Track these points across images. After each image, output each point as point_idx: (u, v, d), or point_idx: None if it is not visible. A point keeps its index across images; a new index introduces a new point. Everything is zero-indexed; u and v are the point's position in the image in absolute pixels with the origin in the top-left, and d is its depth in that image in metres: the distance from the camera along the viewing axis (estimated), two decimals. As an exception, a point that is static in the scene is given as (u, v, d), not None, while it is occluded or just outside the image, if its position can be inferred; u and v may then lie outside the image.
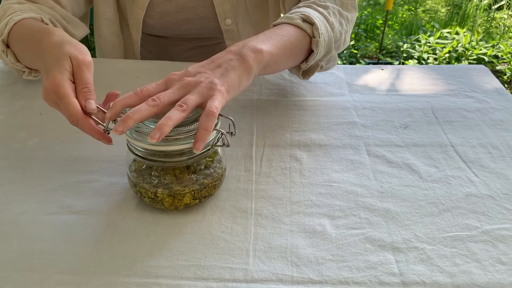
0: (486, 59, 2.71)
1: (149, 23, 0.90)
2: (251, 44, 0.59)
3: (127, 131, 0.50)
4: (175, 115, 0.47)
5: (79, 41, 0.74)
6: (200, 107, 0.51)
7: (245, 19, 0.92)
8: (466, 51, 2.74)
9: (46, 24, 0.71)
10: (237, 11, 0.90)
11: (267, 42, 0.61)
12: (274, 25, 0.67)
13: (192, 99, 0.50)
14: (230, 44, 0.91)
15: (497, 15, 3.41)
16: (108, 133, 0.53)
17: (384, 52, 2.88)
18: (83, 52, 0.58)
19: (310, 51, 0.68)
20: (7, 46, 0.70)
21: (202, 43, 0.99)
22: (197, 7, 0.89)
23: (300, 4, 0.73)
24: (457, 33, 2.91)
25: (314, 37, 0.66)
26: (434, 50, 2.76)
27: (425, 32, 3.00)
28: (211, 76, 0.53)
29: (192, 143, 0.48)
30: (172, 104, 0.49)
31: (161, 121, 0.47)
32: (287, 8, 0.83)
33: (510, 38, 3.08)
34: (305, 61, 0.70)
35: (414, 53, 2.75)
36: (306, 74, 0.74)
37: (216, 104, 0.50)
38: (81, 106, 0.53)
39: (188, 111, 0.49)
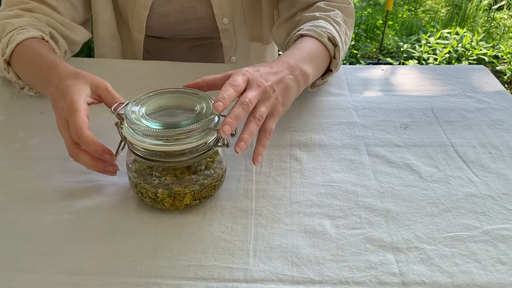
0: (486, 59, 2.71)
1: (149, 24, 0.90)
2: (302, 67, 0.64)
3: (128, 132, 0.50)
4: (254, 129, 0.53)
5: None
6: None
7: (241, 19, 0.94)
8: (466, 51, 2.74)
9: (47, 41, 0.72)
10: (234, 10, 0.91)
11: (310, 65, 0.66)
12: (302, 35, 0.71)
13: (264, 113, 0.55)
14: (226, 44, 0.93)
15: (497, 15, 3.41)
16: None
17: (384, 52, 2.88)
18: (99, 79, 0.60)
19: (328, 69, 0.74)
20: (9, 64, 0.72)
21: (200, 43, 0.99)
22: (195, 7, 0.90)
23: (316, 14, 0.76)
24: (457, 33, 2.91)
25: (335, 59, 0.72)
26: (434, 50, 2.76)
27: (425, 32, 3.00)
28: (277, 92, 0.58)
29: (192, 143, 0.49)
30: None
31: (245, 136, 0.52)
32: (280, 9, 0.85)
33: (510, 38, 3.08)
34: (321, 78, 0.74)
35: (414, 53, 2.75)
36: (313, 86, 0.76)
37: (273, 126, 0.57)
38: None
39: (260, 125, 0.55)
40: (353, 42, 2.94)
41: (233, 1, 0.90)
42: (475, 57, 2.71)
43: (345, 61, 2.70)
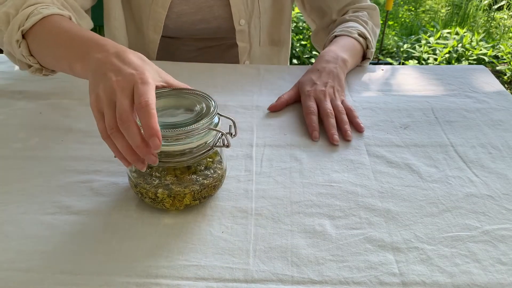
0: (486, 59, 2.71)
1: (165, 23, 0.90)
2: (340, 55, 0.80)
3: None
4: (345, 119, 0.70)
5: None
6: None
7: (256, 22, 0.95)
8: (466, 51, 2.74)
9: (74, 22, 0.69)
10: (251, 12, 0.93)
11: (347, 53, 0.82)
12: (336, 36, 0.87)
13: (341, 105, 0.72)
14: (241, 45, 0.94)
15: (497, 15, 3.41)
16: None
17: (384, 52, 2.88)
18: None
19: (362, 59, 0.90)
20: (23, 37, 0.67)
21: (211, 44, 0.99)
22: (213, 7, 0.91)
23: (346, 17, 0.92)
24: (457, 34, 2.91)
25: (368, 49, 0.88)
26: (434, 50, 2.76)
27: (425, 33, 3.00)
28: (335, 85, 0.75)
29: (192, 143, 0.49)
30: None
31: (338, 130, 0.68)
32: (314, 19, 1.00)
33: (510, 38, 3.08)
34: (361, 65, 0.91)
35: (414, 53, 2.75)
36: None
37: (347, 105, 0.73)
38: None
39: None
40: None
41: (251, 3, 0.92)
42: (475, 57, 2.71)
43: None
